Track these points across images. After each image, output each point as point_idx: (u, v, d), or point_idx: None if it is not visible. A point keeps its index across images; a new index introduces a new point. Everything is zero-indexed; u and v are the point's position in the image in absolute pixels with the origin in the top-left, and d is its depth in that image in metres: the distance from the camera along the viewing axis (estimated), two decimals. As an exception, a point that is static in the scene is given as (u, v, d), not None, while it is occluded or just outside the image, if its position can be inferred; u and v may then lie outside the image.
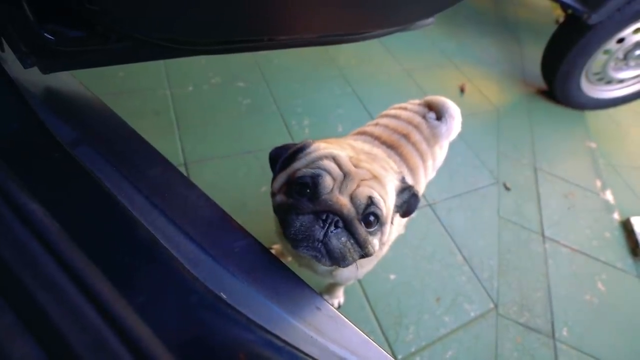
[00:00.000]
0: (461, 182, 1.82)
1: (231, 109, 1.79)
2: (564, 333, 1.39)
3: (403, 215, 0.73)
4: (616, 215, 1.91)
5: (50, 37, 0.57)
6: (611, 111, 2.67)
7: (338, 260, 0.59)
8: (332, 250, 0.57)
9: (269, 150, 0.73)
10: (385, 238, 0.66)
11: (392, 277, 1.39)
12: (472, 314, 1.35)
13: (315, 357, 0.46)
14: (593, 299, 1.53)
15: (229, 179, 1.50)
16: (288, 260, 1.05)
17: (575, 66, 2.21)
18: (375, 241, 0.63)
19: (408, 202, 0.70)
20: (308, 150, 0.66)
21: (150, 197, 0.58)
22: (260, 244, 0.59)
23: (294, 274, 0.58)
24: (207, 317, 0.43)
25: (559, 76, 2.32)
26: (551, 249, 1.67)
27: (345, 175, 0.60)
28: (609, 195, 2.02)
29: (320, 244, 0.57)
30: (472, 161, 1.95)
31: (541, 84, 2.61)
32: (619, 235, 1.82)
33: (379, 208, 0.60)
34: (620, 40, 2.11)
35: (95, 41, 0.62)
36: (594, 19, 1.91)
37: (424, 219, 1.60)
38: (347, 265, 0.61)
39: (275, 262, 0.58)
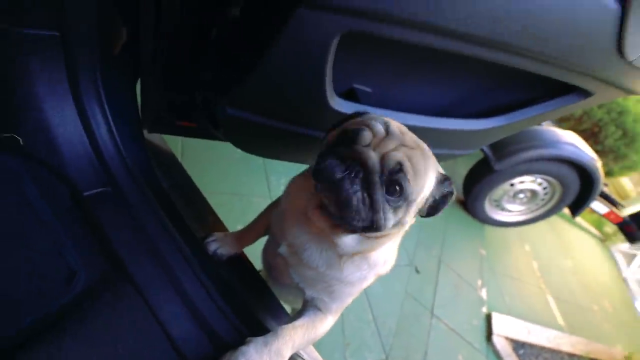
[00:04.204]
0: (386, 257, 2.37)
1: (228, 154, 2.18)
2: (427, 388, 1.90)
3: (427, 215, 0.66)
4: (484, 309, 2.59)
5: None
6: (503, 229, 3.55)
7: (345, 209, 0.56)
8: (343, 195, 0.55)
9: (249, 196, 1.06)
10: (405, 219, 0.62)
11: (319, 320, 1.80)
12: (369, 360, 1.81)
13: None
14: (453, 367, 2.10)
15: (214, 212, 1.85)
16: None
17: (482, 192, 3.04)
18: (390, 215, 0.58)
19: (441, 199, 0.65)
20: (369, 114, 0.68)
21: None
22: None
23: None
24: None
25: (471, 195, 3.12)
26: (435, 324, 2.24)
27: (388, 134, 0.59)
28: (484, 293, 2.72)
29: (335, 186, 0.56)
30: (397, 243, 2.53)
31: (460, 195, 3.42)
32: (482, 323, 2.48)
33: (408, 180, 0.57)
34: (512, 185, 2.99)
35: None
36: (497, 166, 2.73)
37: (352, 280, 2.08)
38: (353, 225, 0.58)
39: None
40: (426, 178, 0.60)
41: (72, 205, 0.75)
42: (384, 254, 0.73)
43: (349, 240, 0.66)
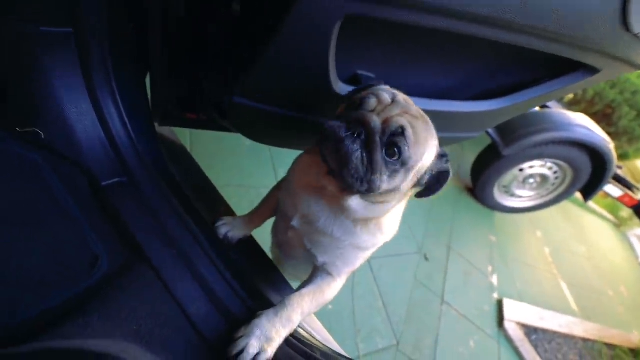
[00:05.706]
0: (394, 246, 2.38)
1: (236, 147, 2.22)
2: (439, 371, 1.93)
3: (423, 194, 0.70)
4: (495, 295, 2.59)
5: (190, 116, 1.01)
6: (513, 215, 3.52)
7: (344, 166, 0.59)
8: (343, 151, 0.58)
9: (257, 188, 1.09)
10: (402, 186, 0.64)
11: (330, 307, 1.84)
12: (380, 346, 1.84)
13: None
14: (465, 352, 2.11)
15: (224, 204, 1.89)
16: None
17: (491, 178, 3.01)
18: (385, 177, 0.60)
19: (438, 176, 0.67)
20: (378, 86, 0.69)
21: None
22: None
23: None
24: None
25: (480, 182, 3.10)
26: (445, 310, 2.25)
27: (393, 102, 0.62)
28: (494, 279, 2.72)
29: (337, 145, 0.58)
30: (405, 233, 2.55)
31: (469, 183, 3.40)
32: (493, 309, 2.48)
33: (407, 144, 0.58)
34: (522, 170, 2.96)
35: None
36: (505, 151, 2.71)
37: (361, 269, 2.10)
38: (351, 183, 0.60)
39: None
40: (426, 147, 0.62)
41: (91, 194, 0.79)
42: (392, 222, 0.79)
43: (354, 204, 0.68)
